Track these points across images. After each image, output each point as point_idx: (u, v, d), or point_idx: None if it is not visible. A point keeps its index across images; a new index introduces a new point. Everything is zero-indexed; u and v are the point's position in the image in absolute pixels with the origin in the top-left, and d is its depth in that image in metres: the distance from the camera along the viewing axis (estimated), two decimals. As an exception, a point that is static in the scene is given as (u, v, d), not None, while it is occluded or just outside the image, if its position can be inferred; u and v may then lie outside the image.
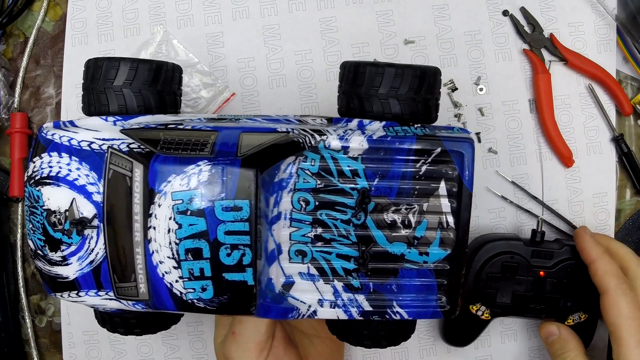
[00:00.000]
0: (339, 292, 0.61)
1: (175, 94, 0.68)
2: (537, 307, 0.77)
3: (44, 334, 0.87)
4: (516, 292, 0.77)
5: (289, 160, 0.59)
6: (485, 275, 0.77)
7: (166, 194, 0.55)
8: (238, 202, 0.54)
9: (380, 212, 0.60)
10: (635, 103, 0.83)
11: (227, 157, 0.55)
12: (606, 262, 0.72)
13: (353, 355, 0.85)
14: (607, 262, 0.72)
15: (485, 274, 0.76)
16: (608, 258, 0.72)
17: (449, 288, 0.61)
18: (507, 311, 0.78)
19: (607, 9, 0.84)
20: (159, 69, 0.65)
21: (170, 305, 0.58)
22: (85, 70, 0.65)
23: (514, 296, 0.77)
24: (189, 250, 0.55)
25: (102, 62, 0.63)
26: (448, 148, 0.59)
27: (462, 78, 0.84)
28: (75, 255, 0.60)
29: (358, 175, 0.59)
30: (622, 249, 0.74)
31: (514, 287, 0.77)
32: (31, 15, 0.86)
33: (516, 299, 0.77)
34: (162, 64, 0.65)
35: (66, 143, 0.60)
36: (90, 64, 0.64)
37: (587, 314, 0.77)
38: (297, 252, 0.61)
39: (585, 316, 0.77)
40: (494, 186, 0.84)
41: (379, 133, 0.59)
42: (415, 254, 0.60)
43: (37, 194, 0.59)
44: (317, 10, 0.84)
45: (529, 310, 0.78)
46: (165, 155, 0.56)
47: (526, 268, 0.77)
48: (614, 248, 0.74)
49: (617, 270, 0.71)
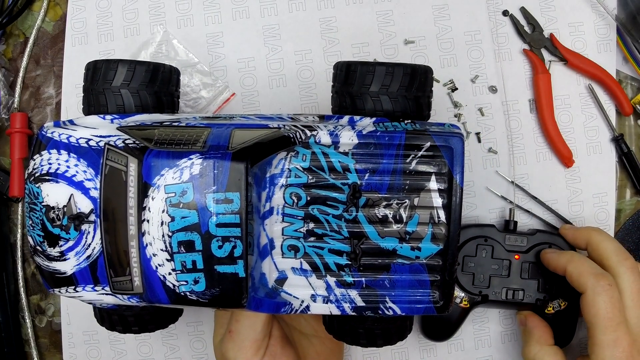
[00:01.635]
0: (332, 287, 0.61)
1: (172, 95, 0.69)
2: (515, 291, 0.78)
3: (44, 334, 0.87)
4: (492, 276, 0.78)
5: (280, 156, 0.60)
6: (460, 259, 0.78)
7: (159, 187, 0.56)
8: (229, 195, 0.55)
9: (372, 207, 0.60)
10: (635, 103, 0.83)
11: (219, 151, 0.55)
12: (577, 263, 0.70)
13: (353, 356, 0.85)
14: (578, 263, 0.70)
15: (460, 257, 0.78)
16: (578, 258, 0.71)
17: (442, 283, 0.61)
18: (485, 298, 0.78)
19: (607, 9, 0.84)
20: (156, 70, 0.66)
21: (163, 298, 0.58)
22: (85, 72, 0.67)
23: (491, 279, 0.78)
24: (181, 242, 0.56)
25: (102, 64, 0.65)
26: (438, 143, 0.59)
27: (462, 78, 0.84)
28: (72, 250, 0.60)
29: (349, 170, 0.60)
30: (602, 243, 0.72)
31: (490, 269, 0.78)
32: (31, 15, 0.87)
33: (493, 283, 0.78)
34: (159, 65, 0.67)
35: (65, 140, 0.61)
36: (90, 66, 0.66)
37: (567, 301, 0.77)
38: (290, 247, 0.61)
39: (565, 304, 0.77)
40: (494, 186, 0.84)
41: (368, 128, 0.60)
42: (407, 249, 0.60)
43: (37, 191, 0.60)
44: (317, 10, 0.85)
45: (507, 295, 0.78)
46: (158, 149, 0.56)
47: (501, 251, 0.78)
48: (594, 243, 0.73)
49: (591, 268, 0.69)
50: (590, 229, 0.75)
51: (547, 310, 0.77)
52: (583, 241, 0.74)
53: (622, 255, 0.70)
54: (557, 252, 0.74)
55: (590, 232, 0.74)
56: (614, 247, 0.71)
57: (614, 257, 0.70)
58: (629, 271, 0.68)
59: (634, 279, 0.68)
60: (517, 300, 0.78)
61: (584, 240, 0.74)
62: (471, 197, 0.84)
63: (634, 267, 0.69)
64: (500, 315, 0.84)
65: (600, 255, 0.71)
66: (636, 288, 0.68)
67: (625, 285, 0.68)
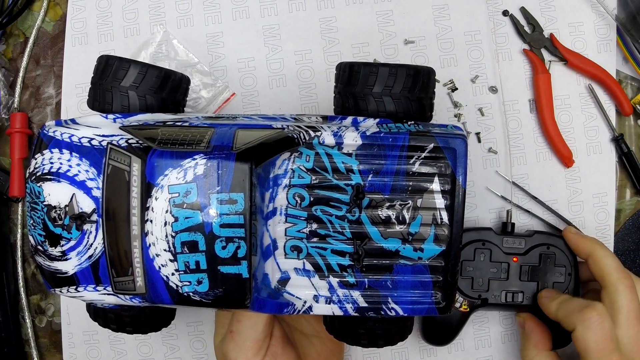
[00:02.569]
0: (335, 288, 0.61)
1: (179, 103, 0.69)
2: (514, 293, 0.78)
3: (44, 334, 0.87)
4: (491, 279, 0.78)
5: (284, 157, 0.60)
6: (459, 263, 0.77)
7: (163, 187, 0.56)
8: (233, 195, 0.55)
9: (375, 208, 0.60)
10: (635, 103, 0.83)
11: (223, 152, 0.55)
12: (563, 304, 0.72)
13: (353, 356, 0.85)
14: (564, 305, 0.72)
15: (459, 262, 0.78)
16: (562, 300, 0.73)
17: (444, 284, 0.61)
18: (485, 301, 0.78)
19: (607, 9, 0.84)
20: (167, 78, 0.66)
21: (166, 298, 0.58)
22: (96, 65, 0.66)
23: (490, 283, 0.78)
24: (185, 243, 0.56)
25: (114, 60, 0.65)
26: (441, 144, 0.60)
27: (462, 78, 0.84)
28: (74, 250, 0.60)
29: (352, 171, 0.60)
30: (604, 259, 0.72)
31: (488, 273, 0.78)
32: (31, 15, 0.87)
33: (492, 286, 0.78)
34: (170, 73, 0.67)
35: (67, 140, 0.60)
36: (102, 60, 0.66)
37: None
38: (293, 248, 0.61)
39: None
40: (494, 186, 0.84)
41: (372, 129, 0.60)
42: (410, 250, 0.61)
43: (38, 190, 0.60)
44: (317, 10, 0.85)
45: (507, 297, 0.78)
46: (162, 149, 0.56)
47: (499, 254, 0.78)
48: (597, 258, 0.73)
49: (578, 305, 0.70)
50: (595, 243, 0.74)
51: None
52: (585, 253, 0.74)
53: (622, 274, 0.70)
54: (546, 302, 0.75)
55: (594, 246, 0.74)
56: (616, 264, 0.71)
57: (615, 274, 0.70)
58: (627, 289, 0.69)
59: (632, 297, 0.69)
60: (516, 302, 0.78)
61: (586, 253, 0.74)
62: (471, 197, 0.84)
63: (633, 287, 0.69)
64: (501, 316, 0.84)
65: (601, 270, 0.72)
66: (633, 307, 0.68)
67: (622, 303, 0.68)
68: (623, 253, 0.85)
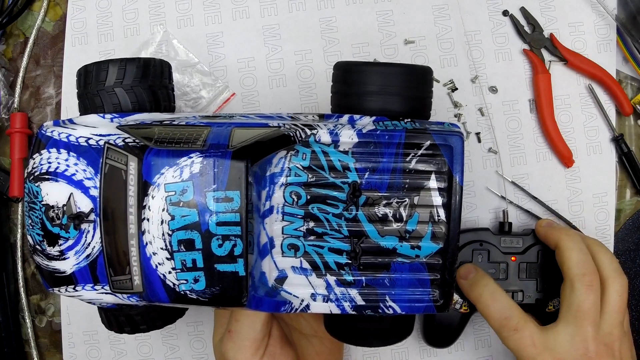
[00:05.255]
0: (332, 286, 0.61)
1: (166, 87, 0.69)
2: (513, 292, 0.78)
3: (44, 334, 0.87)
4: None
5: (280, 155, 0.60)
6: (457, 265, 0.77)
7: (159, 186, 0.56)
8: (229, 193, 0.55)
9: (372, 206, 0.60)
10: (635, 103, 0.83)
11: (219, 150, 0.55)
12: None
13: (353, 356, 0.85)
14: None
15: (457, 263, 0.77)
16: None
17: (442, 282, 0.61)
18: None
19: (607, 9, 0.84)
20: (147, 65, 0.66)
21: (163, 296, 0.58)
22: (77, 79, 0.67)
23: None
24: (181, 241, 0.56)
25: (92, 67, 0.66)
26: (437, 141, 0.59)
27: (462, 78, 0.84)
28: (72, 249, 0.60)
29: (349, 169, 0.60)
30: (567, 252, 0.71)
31: (487, 273, 0.77)
32: (31, 15, 0.87)
33: None
34: (149, 60, 0.67)
35: (64, 139, 0.61)
36: (81, 72, 0.67)
37: None
38: (290, 246, 0.61)
39: None
40: (494, 186, 0.83)
41: (368, 127, 0.60)
42: (407, 247, 0.60)
43: (36, 190, 0.60)
44: (317, 10, 0.85)
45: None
46: (159, 148, 0.57)
47: (497, 254, 0.78)
48: (562, 249, 0.72)
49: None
50: (562, 234, 0.73)
51: (547, 309, 0.77)
52: (553, 244, 0.74)
53: (582, 269, 0.70)
54: (465, 285, 0.75)
55: (560, 237, 0.73)
56: (578, 259, 0.71)
57: (575, 269, 0.70)
58: (584, 288, 0.69)
59: (585, 298, 0.68)
60: (516, 301, 0.77)
61: (554, 244, 0.74)
62: (471, 197, 0.84)
63: (591, 286, 0.69)
64: (501, 315, 0.84)
65: (562, 263, 0.72)
66: (583, 308, 0.68)
67: (573, 301, 0.69)
68: (623, 253, 0.85)
